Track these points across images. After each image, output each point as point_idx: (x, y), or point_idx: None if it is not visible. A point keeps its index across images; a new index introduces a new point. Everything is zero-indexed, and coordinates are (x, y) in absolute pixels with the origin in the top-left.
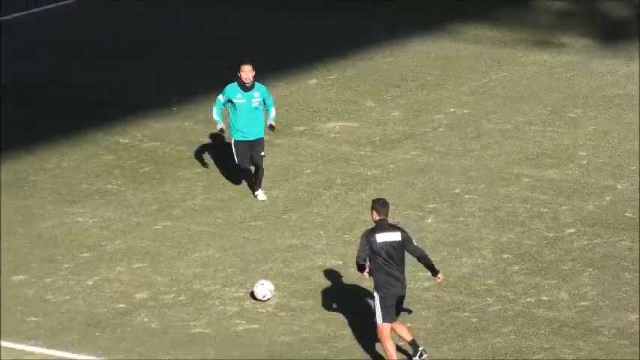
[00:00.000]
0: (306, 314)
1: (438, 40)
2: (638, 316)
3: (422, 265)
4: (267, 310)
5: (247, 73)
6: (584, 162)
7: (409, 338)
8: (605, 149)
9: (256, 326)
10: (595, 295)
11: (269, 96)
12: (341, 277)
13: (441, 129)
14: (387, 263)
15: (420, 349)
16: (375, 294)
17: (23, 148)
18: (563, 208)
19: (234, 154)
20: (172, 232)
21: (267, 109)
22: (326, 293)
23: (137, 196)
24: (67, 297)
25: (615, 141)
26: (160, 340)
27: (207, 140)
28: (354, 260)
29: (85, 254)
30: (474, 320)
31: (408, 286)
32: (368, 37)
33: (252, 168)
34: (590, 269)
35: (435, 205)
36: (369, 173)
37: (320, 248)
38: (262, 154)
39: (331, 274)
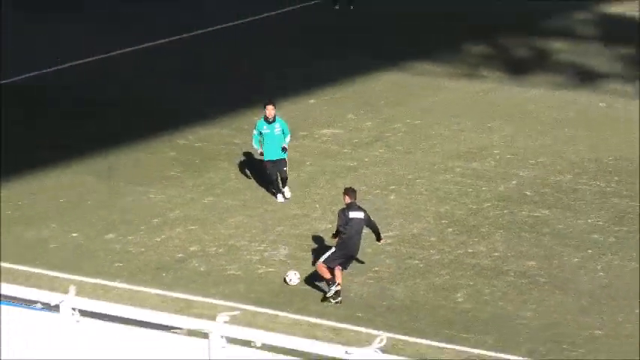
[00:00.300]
0: (307, 262)
1: (397, 73)
2: (534, 263)
3: (373, 232)
4: (279, 259)
5: (270, 110)
6: (498, 157)
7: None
8: (511, 149)
9: (272, 270)
10: (504, 248)
11: (286, 127)
12: (330, 236)
13: (400, 134)
14: (351, 232)
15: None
16: (333, 248)
17: (106, 148)
18: (483, 189)
19: (265, 168)
20: (215, 204)
21: (284, 136)
22: (321, 247)
23: (191, 180)
24: (143, 249)
25: (519, 143)
26: (206, 279)
27: (238, 142)
28: (336, 228)
29: (154, 220)
30: (422, 266)
31: (376, 244)
32: (350, 71)
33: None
34: (501, 231)
35: (395, 187)
36: (350, 165)
37: (316, 216)
38: (285, 168)
39: (324, 234)
